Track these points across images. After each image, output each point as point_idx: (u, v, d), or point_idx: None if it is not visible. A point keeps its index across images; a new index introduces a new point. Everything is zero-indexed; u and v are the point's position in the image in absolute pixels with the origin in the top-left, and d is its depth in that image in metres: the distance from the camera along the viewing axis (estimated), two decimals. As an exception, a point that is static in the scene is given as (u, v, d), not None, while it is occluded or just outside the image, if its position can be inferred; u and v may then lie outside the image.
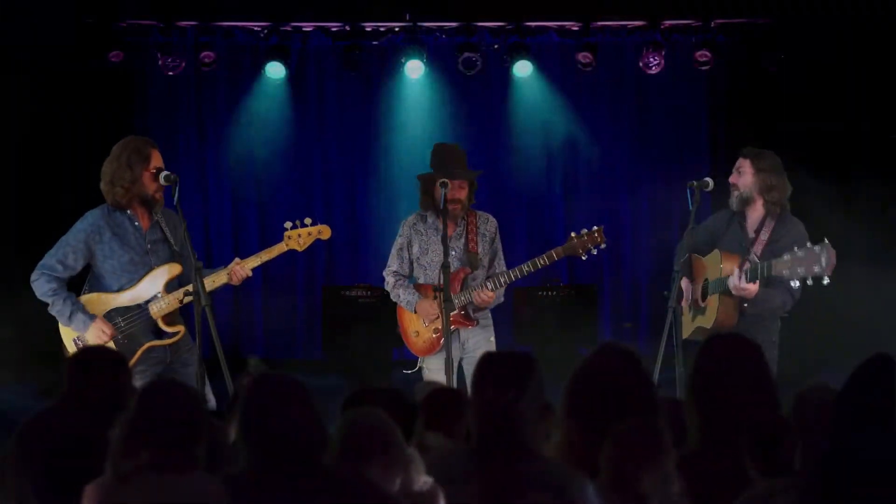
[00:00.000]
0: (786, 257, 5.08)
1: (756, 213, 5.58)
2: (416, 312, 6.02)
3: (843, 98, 8.93)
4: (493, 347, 6.06)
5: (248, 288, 9.50)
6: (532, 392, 2.89)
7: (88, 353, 4.02)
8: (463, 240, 6.02)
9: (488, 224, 6.10)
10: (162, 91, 9.59)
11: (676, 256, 5.79)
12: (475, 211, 6.11)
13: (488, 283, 5.90)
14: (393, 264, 6.14)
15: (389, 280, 6.14)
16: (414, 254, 6.07)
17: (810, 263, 4.96)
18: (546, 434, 2.97)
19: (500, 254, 6.13)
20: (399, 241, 6.14)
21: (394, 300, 6.17)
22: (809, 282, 5.02)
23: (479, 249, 6.03)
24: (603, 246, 5.93)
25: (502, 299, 6.14)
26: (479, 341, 6.03)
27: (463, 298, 5.90)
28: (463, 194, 5.96)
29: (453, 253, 5.95)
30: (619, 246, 9.75)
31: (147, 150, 5.40)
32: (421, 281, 6.07)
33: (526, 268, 5.87)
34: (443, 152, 6.08)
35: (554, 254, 5.88)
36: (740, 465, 2.95)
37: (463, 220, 6.04)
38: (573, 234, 5.93)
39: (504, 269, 6.07)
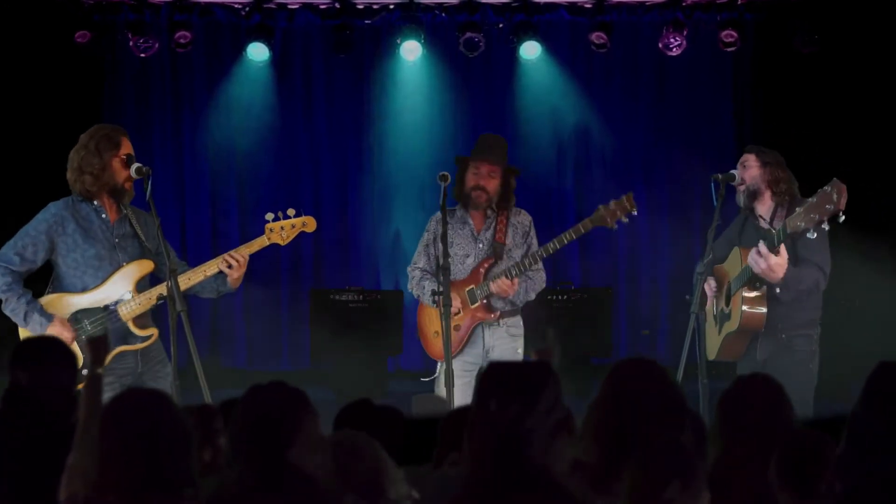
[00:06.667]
0: (798, 210, 5.18)
1: (765, 205, 5.69)
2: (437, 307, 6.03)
3: (884, 83, 8.90)
4: (519, 359, 6.11)
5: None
6: (544, 406, 2.87)
7: (32, 345, 4.04)
8: (491, 231, 6.15)
9: (521, 216, 6.24)
10: (133, 75, 9.58)
11: (700, 259, 5.83)
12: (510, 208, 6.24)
13: (511, 270, 5.98)
14: (419, 261, 6.24)
15: (415, 274, 6.23)
16: (439, 250, 6.03)
17: (822, 204, 5.05)
18: (564, 454, 2.93)
19: (535, 248, 6.18)
20: (426, 236, 6.26)
21: (416, 294, 6.24)
22: (826, 226, 5.08)
23: (508, 240, 6.13)
24: (634, 213, 6.00)
25: (532, 296, 6.20)
26: (505, 350, 6.10)
27: (486, 289, 6.00)
28: (490, 184, 6.08)
29: (480, 245, 6.11)
30: (635, 245, 9.75)
31: (117, 136, 5.45)
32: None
33: (552, 246, 5.96)
34: (483, 139, 6.26)
35: (581, 227, 5.97)
36: (768, 487, 2.94)
37: (493, 212, 6.16)
38: (601, 206, 6.00)
39: (540, 265, 6.15)
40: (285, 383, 2.99)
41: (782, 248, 5.32)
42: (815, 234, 5.12)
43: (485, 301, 6.04)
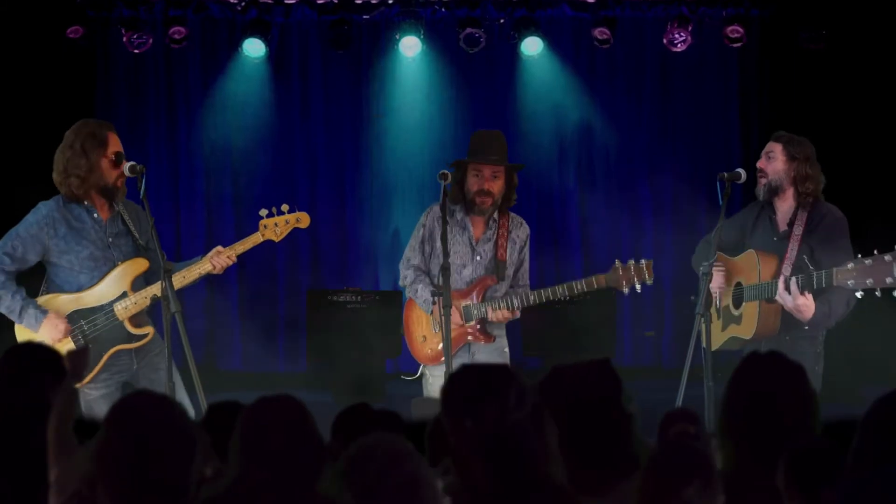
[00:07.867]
0: (850, 265, 5.08)
1: (786, 203, 5.62)
2: (432, 314, 5.98)
3: (890, 80, 8.89)
4: (507, 359, 6.07)
5: (224, 292, 9.49)
6: (514, 399, 2.84)
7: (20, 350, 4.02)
8: (492, 244, 6.03)
9: (520, 230, 6.13)
10: (127, 71, 9.56)
11: (699, 255, 5.77)
12: (510, 213, 6.13)
13: (513, 300, 5.88)
14: (414, 258, 6.10)
15: (408, 275, 6.09)
16: (436, 249, 5.97)
17: (880, 275, 4.96)
18: (553, 447, 2.90)
19: (527, 265, 6.14)
20: (421, 231, 6.10)
21: (409, 295, 6.14)
22: (878, 293, 5.02)
23: (507, 258, 6.03)
24: (649, 283, 5.86)
25: (518, 315, 6.13)
26: (490, 352, 6.04)
27: (483, 311, 5.92)
28: (495, 187, 5.97)
29: (478, 258, 6.00)
30: (639, 245, 9.73)
31: (103, 133, 5.41)
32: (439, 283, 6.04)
33: (560, 290, 5.84)
34: (478, 137, 6.07)
35: (595, 281, 5.86)
36: (777, 495, 2.93)
37: (494, 221, 6.05)
38: (619, 264, 5.87)
39: (527, 281, 6.07)
40: (291, 396, 2.96)
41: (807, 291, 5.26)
42: (862, 295, 5.06)
43: (478, 325, 5.97)
